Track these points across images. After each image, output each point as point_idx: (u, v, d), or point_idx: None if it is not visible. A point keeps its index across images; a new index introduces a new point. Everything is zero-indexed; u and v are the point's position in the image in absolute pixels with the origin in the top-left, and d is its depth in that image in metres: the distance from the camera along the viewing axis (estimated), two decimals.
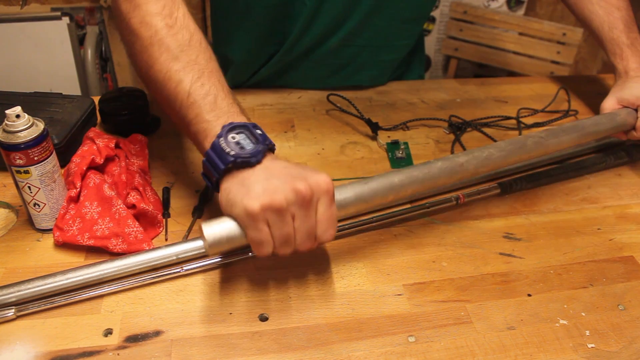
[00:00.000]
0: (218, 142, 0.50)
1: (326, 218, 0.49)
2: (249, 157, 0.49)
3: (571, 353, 0.52)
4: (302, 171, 0.49)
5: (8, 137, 0.55)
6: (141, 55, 0.58)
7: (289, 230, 0.48)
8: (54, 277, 0.54)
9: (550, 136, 0.66)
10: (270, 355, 0.50)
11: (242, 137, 0.50)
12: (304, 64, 0.90)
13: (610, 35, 0.81)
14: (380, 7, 0.84)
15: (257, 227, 0.48)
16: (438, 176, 0.59)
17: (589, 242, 0.65)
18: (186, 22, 0.58)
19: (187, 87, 0.54)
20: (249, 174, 0.49)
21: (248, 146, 0.50)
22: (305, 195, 0.47)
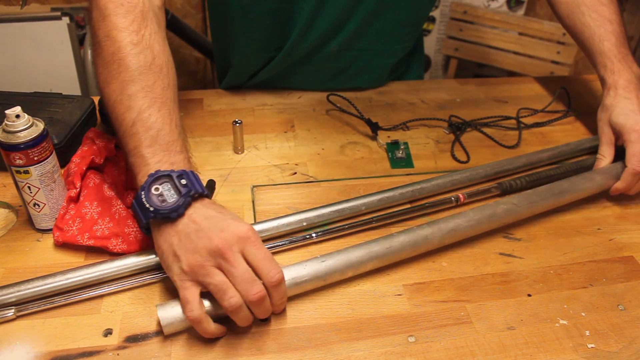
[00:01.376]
0: (140, 196, 0.50)
1: (260, 259, 0.49)
2: (168, 212, 0.49)
3: (571, 353, 0.52)
4: (220, 224, 0.49)
5: (8, 137, 0.55)
6: (101, 69, 0.57)
7: (219, 280, 0.48)
8: (54, 277, 0.54)
9: (524, 202, 0.64)
10: (270, 355, 0.50)
11: (166, 187, 0.51)
12: (303, 68, 0.90)
13: (600, 48, 0.78)
14: (379, 12, 0.83)
15: (183, 286, 0.49)
16: (400, 250, 0.58)
17: (589, 242, 0.65)
18: (151, 42, 0.57)
19: (134, 115, 0.54)
20: (171, 232, 0.50)
21: (171, 199, 0.50)
22: (221, 247, 0.48)
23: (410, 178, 0.74)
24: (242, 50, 0.88)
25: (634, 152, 0.68)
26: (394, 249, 0.57)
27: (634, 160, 0.68)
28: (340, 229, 0.63)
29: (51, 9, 1.76)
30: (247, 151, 0.78)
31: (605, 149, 0.73)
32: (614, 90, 0.75)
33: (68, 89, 1.60)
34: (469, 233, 0.62)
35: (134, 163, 0.53)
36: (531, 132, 0.87)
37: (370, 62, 0.91)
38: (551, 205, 0.67)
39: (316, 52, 0.87)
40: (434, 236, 0.59)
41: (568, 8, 0.83)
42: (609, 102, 0.74)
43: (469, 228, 0.61)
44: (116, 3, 0.57)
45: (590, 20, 0.80)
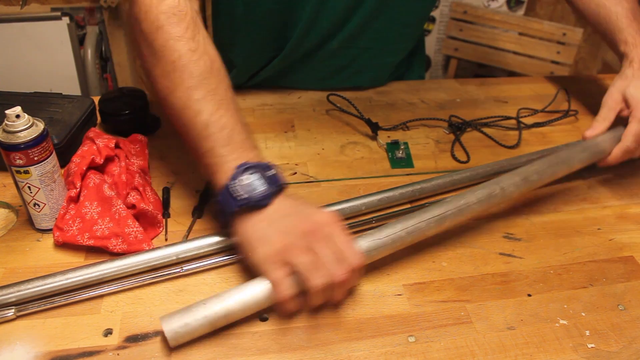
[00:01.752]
0: (231, 185, 0.53)
1: (345, 242, 0.51)
2: (261, 199, 0.52)
3: (571, 353, 0.52)
4: (306, 210, 0.53)
5: (8, 137, 0.55)
6: (162, 79, 0.58)
7: (310, 259, 0.50)
8: (54, 277, 0.54)
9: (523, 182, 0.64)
10: (270, 355, 0.50)
11: (255, 177, 0.53)
12: (303, 66, 0.90)
13: (619, 25, 0.79)
14: (380, 11, 0.83)
15: (272, 267, 0.50)
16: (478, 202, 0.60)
17: (589, 242, 0.65)
18: (207, 46, 0.59)
19: (206, 118, 0.55)
20: (260, 218, 0.52)
21: (260, 188, 0.52)
22: (312, 229, 0.51)
23: (410, 178, 0.74)
24: (243, 50, 0.88)
25: (634, 132, 0.68)
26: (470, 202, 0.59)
27: (630, 139, 0.68)
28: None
29: (51, 9, 1.77)
30: None
31: (607, 113, 0.73)
32: (638, 63, 0.75)
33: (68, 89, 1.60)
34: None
35: (210, 163, 0.55)
36: (531, 132, 0.87)
37: (371, 60, 0.91)
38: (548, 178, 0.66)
39: (317, 50, 0.87)
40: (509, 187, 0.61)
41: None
42: (630, 73, 0.75)
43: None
44: (168, 14, 0.58)
45: (606, 1, 0.81)
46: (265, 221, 0.52)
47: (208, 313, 0.49)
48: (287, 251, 0.50)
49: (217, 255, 0.59)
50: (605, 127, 0.72)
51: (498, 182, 0.63)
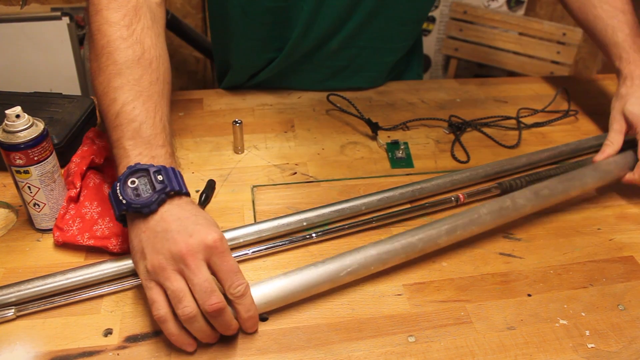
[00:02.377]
0: (115, 187, 0.50)
1: (225, 270, 0.48)
2: (140, 207, 0.48)
3: (571, 353, 0.52)
4: (191, 227, 0.48)
5: (8, 137, 0.55)
6: (92, 62, 0.58)
7: (176, 286, 0.46)
8: (53, 277, 0.54)
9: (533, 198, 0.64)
10: (270, 355, 0.50)
11: (143, 182, 0.50)
12: (303, 67, 0.90)
13: (614, 40, 0.78)
14: (379, 10, 0.83)
15: (148, 285, 0.48)
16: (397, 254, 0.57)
17: (589, 242, 0.65)
18: (142, 36, 0.57)
19: (118, 107, 0.54)
20: (143, 227, 0.49)
21: (145, 194, 0.49)
22: (184, 253, 0.46)
23: (410, 178, 0.74)
24: (242, 51, 0.88)
25: None
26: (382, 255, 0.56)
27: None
28: (340, 229, 0.63)
29: (51, 9, 1.76)
30: (247, 151, 0.78)
31: (614, 136, 0.72)
32: (630, 80, 0.75)
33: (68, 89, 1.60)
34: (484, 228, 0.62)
35: (116, 155, 0.53)
36: (531, 132, 0.87)
37: (371, 60, 0.91)
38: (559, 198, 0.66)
39: (316, 51, 0.87)
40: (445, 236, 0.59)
41: (579, 2, 0.83)
42: (624, 92, 0.74)
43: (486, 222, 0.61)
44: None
45: (602, 12, 0.80)
46: (146, 232, 0.49)
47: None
48: (158, 273, 0.47)
49: None
50: (615, 151, 0.72)
51: (510, 196, 0.63)
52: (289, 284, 0.52)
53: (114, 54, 0.55)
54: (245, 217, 0.66)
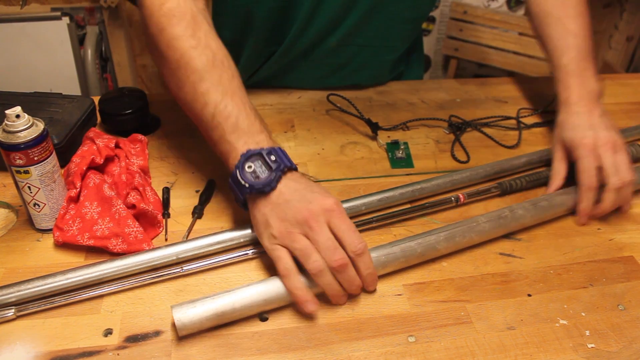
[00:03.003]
0: (235, 174, 0.56)
1: (344, 229, 0.53)
2: (262, 187, 0.55)
3: (571, 353, 0.52)
4: (307, 196, 0.54)
5: (8, 137, 0.55)
6: (171, 78, 0.63)
7: (304, 244, 0.52)
8: (54, 277, 0.54)
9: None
10: (270, 355, 0.50)
11: (258, 164, 0.56)
12: (302, 64, 0.90)
13: (558, 62, 0.77)
14: (378, 7, 0.83)
15: (273, 248, 0.54)
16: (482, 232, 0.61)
17: (589, 242, 0.65)
18: (209, 41, 0.62)
19: (212, 109, 0.59)
20: (265, 203, 0.55)
21: (263, 174, 0.55)
22: (307, 217, 0.52)
23: (410, 178, 0.74)
24: (241, 47, 0.88)
25: (584, 169, 0.67)
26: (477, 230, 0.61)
27: (585, 177, 0.66)
28: None
29: (51, 9, 1.76)
30: None
31: (558, 166, 0.71)
32: (566, 106, 0.74)
33: (68, 89, 1.60)
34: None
35: (223, 150, 0.59)
36: (531, 132, 0.87)
37: (370, 58, 0.91)
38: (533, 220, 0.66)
39: (315, 47, 0.87)
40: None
41: (538, 19, 0.83)
42: (560, 119, 0.73)
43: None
44: (168, 16, 0.61)
45: (554, 33, 0.79)
46: (269, 206, 0.55)
47: (218, 305, 0.51)
48: (285, 237, 0.53)
49: (217, 255, 0.59)
50: (561, 179, 0.70)
51: (509, 207, 0.64)
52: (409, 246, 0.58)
53: (191, 64, 0.60)
54: (245, 217, 0.66)
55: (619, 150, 0.67)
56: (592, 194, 0.66)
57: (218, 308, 0.51)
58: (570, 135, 0.70)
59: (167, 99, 0.89)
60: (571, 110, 0.73)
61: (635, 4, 2.18)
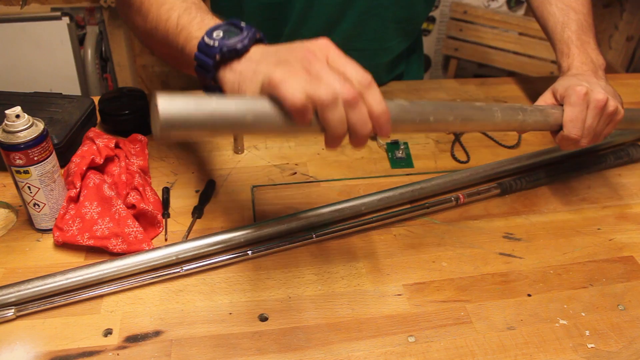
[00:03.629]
0: (203, 41, 0.48)
1: (345, 62, 0.45)
2: (234, 43, 0.47)
3: (571, 353, 0.52)
4: (296, 43, 0.46)
5: (8, 137, 0.55)
6: (137, 17, 0.59)
7: (306, 75, 0.43)
8: (53, 277, 0.54)
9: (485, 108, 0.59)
10: (270, 355, 0.50)
11: (226, 29, 0.48)
12: None
13: (561, 35, 0.77)
14: (372, 10, 0.83)
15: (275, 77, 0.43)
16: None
17: (589, 242, 0.65)
18: None
19: (175, 19, 0.54)
20: (245, 61, 0.47)
21: (235, 34, 0.47)
22: (305, 54, 0.44)
23: (410, 178, 0.74)
24: None
25: (571, 117, 0.62)
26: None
27: (570, 127, 0.62)
28: (340, 229, 0.63)
29: (51, 9, 1.76)
30: (247, 151, 0.78)
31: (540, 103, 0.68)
32: (567, 72, 0.73)
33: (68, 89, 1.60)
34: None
35: (190, 48, 0.51)
36: (531, 132, 0.87)
37: (369, 61, 0.91)
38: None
39: None
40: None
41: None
42: (557, 80, 0.71)
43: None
44: None
45: (556, 9, 0.80)
46: (252, 63, 0.46)
47: (215, 106, 0.41)
48: (282, 74, 0.43)
49: (217, 255, 0.59)
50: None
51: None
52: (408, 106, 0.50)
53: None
54: (245, 217, 0.66)
55: (607, 114, 0.63)
56: (572, 143, 0.63)
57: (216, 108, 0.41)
58: (565, 82, 0.66)
59: None
60: (570, 73, 0.71)
61: (635, 4, 2.18)
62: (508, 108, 0.60)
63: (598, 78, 0.69)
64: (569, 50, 0.75)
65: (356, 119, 0.44)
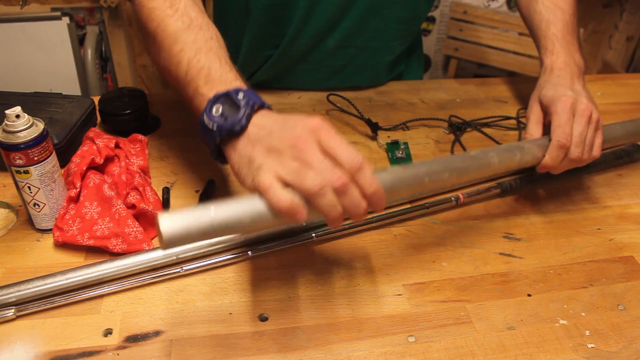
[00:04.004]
0: (202, 120, 0.51)
1: (335, 145, 0.46)
2: (231, 126, 0.49)
3: (571, 353, 0.52)
4: (289, 122, 0.48)
5: (8, 137, 0.55)
6: (151, 49, 0.62)
7: (297, 165, 0.45)
8: (53, 277, 0.54)
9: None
10: (270, 355, 0.50)
11: (226, 106, 0.50)
12: (301, 67, 0.90)
13: (545, 32, 0.78)
14: (375, 8, 0.83)
15: (264, 182, 0.46)
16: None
17: (589, 242, 0.65)
18: (187, 10, 0.60)
19: (185, 66, 0.56)
20: (243, 143, 0.49)
21: (232, 114, 0.50)
22: (295, 142, 0.46)
23: None
24: (239, 48, 0.88)
25: (559, 124, 0.63)
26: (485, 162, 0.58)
27: (559, 132, 0.62)
28: (340, 229, 0.63)
29: (51, 9, 1.77)
30: None
31: (532, 127, 0.69)
32: (550, 70, 0.73)
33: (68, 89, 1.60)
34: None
35: (196, 104, 0.54)
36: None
37: (369, 60, 0.91)
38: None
39: (314, 49, 0.87)
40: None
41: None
42: (541, 80, 0.73)
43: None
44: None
45: (542, 8, 0.81)
46: (249, 144, 0.48)
47: (213, 217, 0.44)
48: (273, 166, 0.46)
49: (217, 255, 0.59)
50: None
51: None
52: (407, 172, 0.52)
53: (166, 30, 0.59)
54: None
55: (593, 122, 0.64)
56: (562, 152, 0.62)
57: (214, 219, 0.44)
58: (550, 93, 0.67)
59: (167, 99, 0.89)
60: (554, 74, 0.72)
61: (635, 4, 2.18)
62: (504, 150, 0.61)
63: (579, 83, 0.71)
64: (553, 47, 0.76)
65: (348, 203, 0.46)
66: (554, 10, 0.79)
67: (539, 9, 0.81)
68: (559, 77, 0.71)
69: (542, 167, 0.64)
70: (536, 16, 0.81)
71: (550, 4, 0.80)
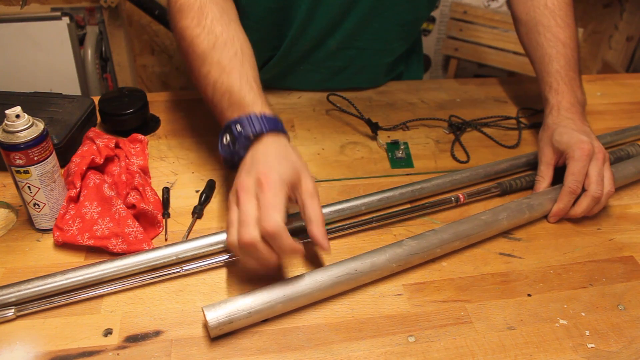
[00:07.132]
0: (219, 149, 0.58)
1: (262, 205, 0.50)
2: (231, 160, 0.57)
3: (571, 353, 0.52)
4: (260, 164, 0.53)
5: (8, 137, 0.55)
6: (187, 65, 0.67)
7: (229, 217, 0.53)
8: (53, 277, 0.54)
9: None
10: (270, 355, 0.50)
11: (231, 137, 0.57)
12: (302, 67, 0.90)
13: (548, 69, 0.78)
14: (376, 10, 0.83)
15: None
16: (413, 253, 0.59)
17: (589, 242, 0.65)
18: (212, 27, 0.64)
19: (211, 90, 0.62)
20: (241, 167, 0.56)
21: (233, 146, 0.57)
22: (238, 188, 0.53)
23: (410, 178, 0.74)
24: None
25: (573, 171, 0.65)
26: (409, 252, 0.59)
27: (571, 179, 0.65)
28: (340, 229, 0.63)
29: (51, 9, 1.76)
30: None
31: (544, 170, 0.71)
32: (557, 110, 0.73)
33: (68, 89, 1.60)
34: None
35: (222, 120, 0.61)
36: (531, 132, 0.87)
37: (369, 61, 0.91)
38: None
39: (314, 50, 0.87)
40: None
41: (527, 27, 0.83)
42: (551, 122, 0.73)
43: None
44: (179, 11, 0.66)
45: (544, 40, 0.80)
46: (242, 170, 0.55)
47: (252, 305, 0.51)
48: (229, 204, 0.54)
49: (217, 255, 0.59)
50: (547, 184, 0.70)
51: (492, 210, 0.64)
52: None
53: (195, 50, 0.64)
54: None
55: (607, 162, 0.67)
56: (573, 197, 0.66)
57: (253, 307, 0.51)
58: (565, 138, 0.68)
59: (167, 99, 0.89)
60: (562, 115, 0.72)
61: (635, 4, 2.18)
62: (515, 210, 0.65)
63: (586, 123, 0.72)
64: (558, 85, 0.76)
65: (255, 258, 0.52)
66: (556, 44, 0.78)
67: (541, 42, 0.80)
68: (567, 119, 0.72)
69: (553, 215, 0.67)
70: (538, 49, 0.80)
71: (552, 37, 0.79)
